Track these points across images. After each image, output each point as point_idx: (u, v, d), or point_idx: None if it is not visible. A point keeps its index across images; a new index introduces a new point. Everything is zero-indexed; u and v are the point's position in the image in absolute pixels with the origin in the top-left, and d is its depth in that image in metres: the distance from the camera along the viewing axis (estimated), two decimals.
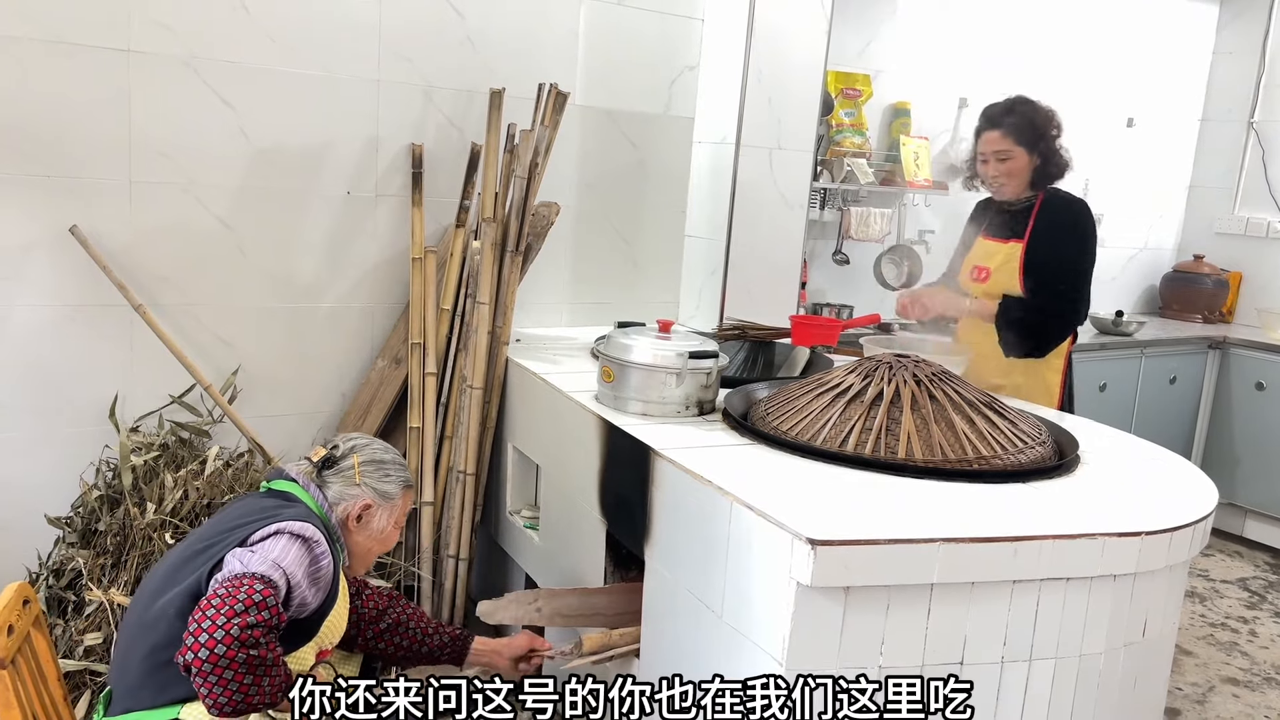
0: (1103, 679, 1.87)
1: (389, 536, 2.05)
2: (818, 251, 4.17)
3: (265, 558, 1.71)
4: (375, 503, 2.00)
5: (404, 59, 2.97)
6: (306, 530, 1.79)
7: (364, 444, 2.05)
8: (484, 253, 2.87)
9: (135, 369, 2.76)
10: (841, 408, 2.14)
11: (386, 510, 2.02)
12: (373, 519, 2.00)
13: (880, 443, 2.06)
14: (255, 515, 1.83)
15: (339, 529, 1.97)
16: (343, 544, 1.99)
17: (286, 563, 1.72)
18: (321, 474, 1.99)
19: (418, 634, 2.17)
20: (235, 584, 1.62)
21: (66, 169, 2.60)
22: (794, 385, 2.32)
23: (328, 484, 1.98)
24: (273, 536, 1.76)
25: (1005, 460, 2.06)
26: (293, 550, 1.75)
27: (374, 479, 2.00)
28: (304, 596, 1.77)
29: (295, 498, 1.93)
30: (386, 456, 2.05)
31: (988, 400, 2.21)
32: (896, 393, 2.12)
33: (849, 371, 2.23)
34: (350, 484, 1.98)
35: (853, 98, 4.00)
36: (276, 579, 1.68)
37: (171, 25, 2.65)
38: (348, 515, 1.98)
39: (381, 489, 2.01)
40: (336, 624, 1.92)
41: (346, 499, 1.97)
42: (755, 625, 1.79)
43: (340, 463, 2.00)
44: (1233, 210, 5.08)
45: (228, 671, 1.56)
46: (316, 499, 1.96)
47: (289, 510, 1.85)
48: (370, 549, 2.04)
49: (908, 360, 2.21)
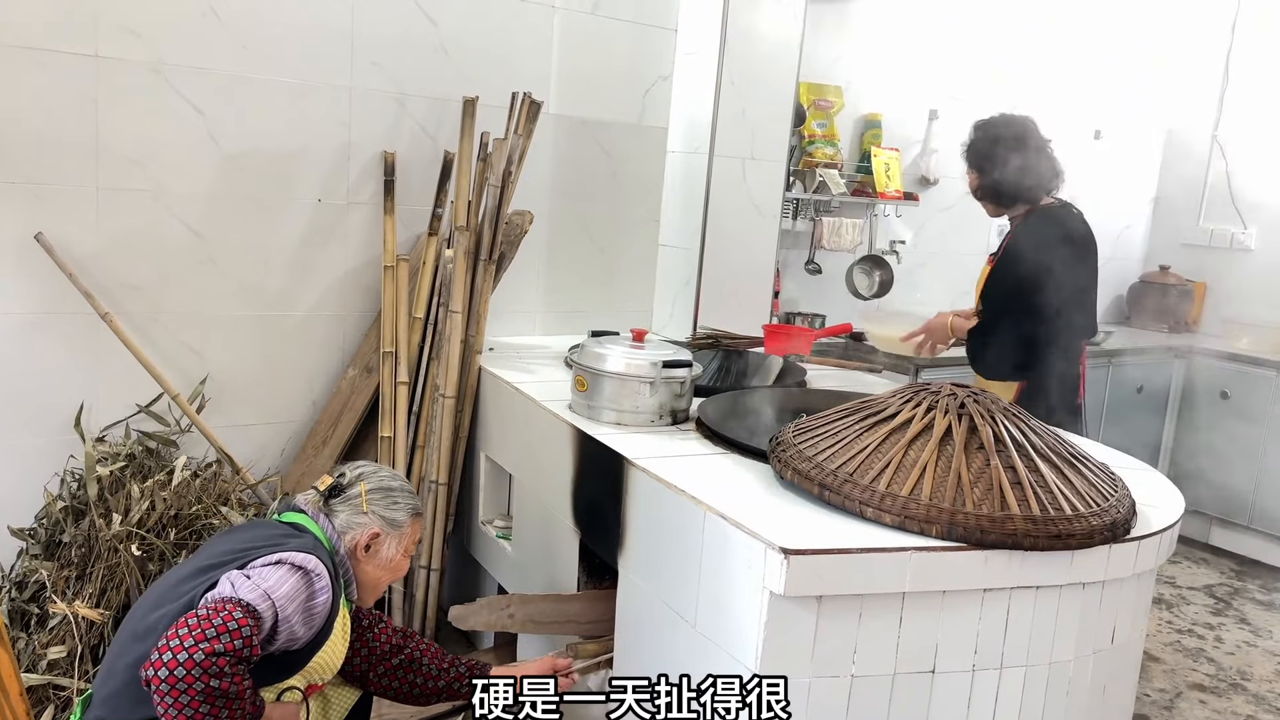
0: (1072, 686, 1.89)
1: (399, 565, 2.01)
2: (790, 261, 4.19)
3: (258, 585, 1.68)
4: (384, 531, 1.96)
5: (377, 66, 2.96)
6: (309, 563, 1.76)
7: (371, 471, 2.02)
8: (457, 261, 2.86)
9: (101, 378, 2.72)
10: (903, 446, 1.84)
11: (395, 539, 1.98)
12: (381, 547, 1.97)
13: (966, 496, 1.75)
14: (263, 542, 1.81)
15: (347, 559, 1.94)
16: (350, 577, 1.95)
17: (279, 594, 1.69)
18: (329, 503, 1.96)
19: (432, 670, 2.09)
20: (216, 608, 1.60)
21: (32, 175, 2.56)
22: (832, 411, 2.07)
23: (335, 513, 1.95)
24: (273, 565, 1.73)
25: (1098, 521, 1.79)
26: (289, 582, 1.72)
27: (381, 506, 1.97)
28: (293, 630, 1.73)
29: (305, 529, 1.91)
30: (395, 484, 2.02)
31: (1056, 440, 1.96)
32: (970, 430, 1.85)
33: (903, 400, 1.96)
34: (358, 512, 1.95)
35: (825, 109, 4.03)
36: (262, 609, 1.65)
37: (139, 31, 2.62)
38: (356, 544, 1.94)
39: (390, 516, 1.97)
40: (330, 660, 1.89)
41: (354, 528, 1.94)
42: (729, 634, 1.79)
43: (347, 490, 1.97)
44: (1198, 221, 5.16)
45: (184, 696, 1.53)
46: (325, 530, 1.93)
47: (296, 540, 1.83)
48: (380, 579, 2.01)
49: (965, 389, 1.95)
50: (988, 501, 1.75)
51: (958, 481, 1.78)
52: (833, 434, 1.96)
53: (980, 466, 1.80)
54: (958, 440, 1.83)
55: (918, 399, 1.94)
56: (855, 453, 1.88)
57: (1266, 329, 4.64)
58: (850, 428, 1.95)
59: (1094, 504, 1.82)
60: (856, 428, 1.94)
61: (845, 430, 1.95)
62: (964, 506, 1.74)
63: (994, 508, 1.74)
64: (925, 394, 1.95)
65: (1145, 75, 5.12)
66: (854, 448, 1.89)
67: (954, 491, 1.76)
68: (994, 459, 1.81)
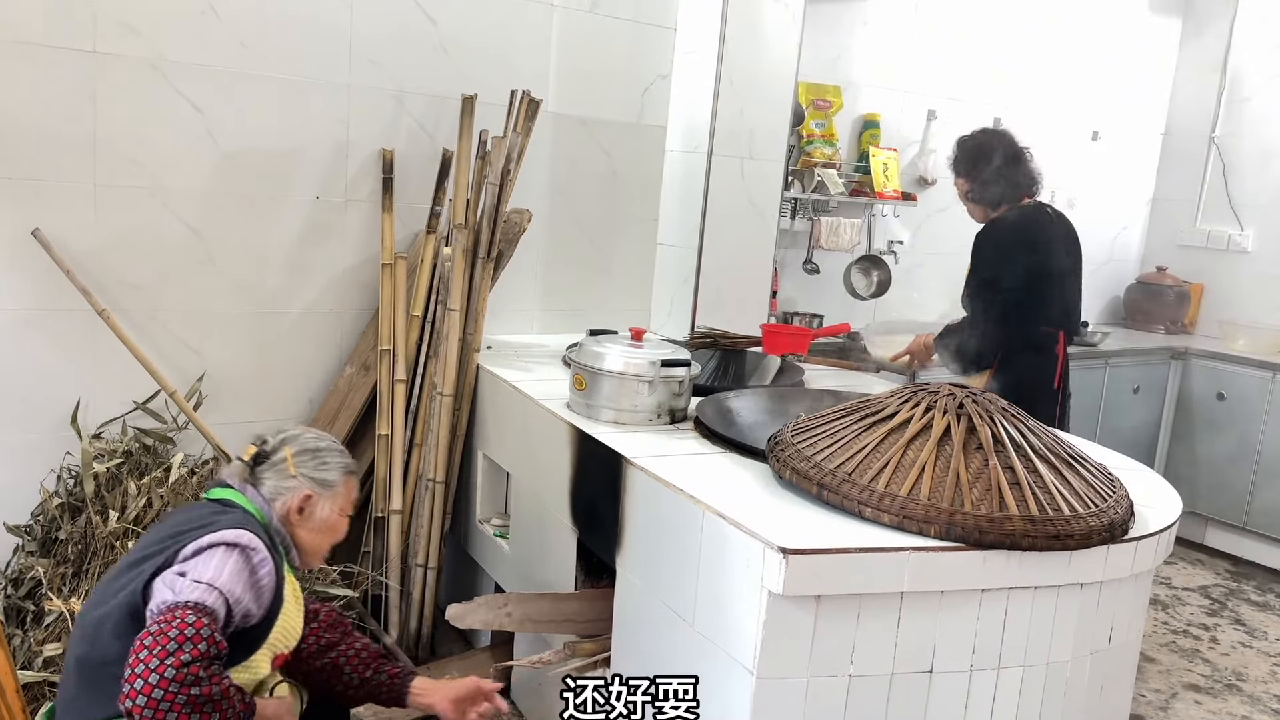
0: (1069, 686, 1.89)
1: (337, 526, 1.95)
2: (788, 260, 4.19)
3: (198, 580, 1.63)
4: (315, 493, 1.90)
5: (375, 64, 2.95)
6: (243, 538, 1.71)
7: (295, 435, 1.96)
8: (455, 259, 2.86)
9: (98, 375, 2.71)
10: (901, 446, 1.85)
11: (329, 499, 1.92)
12: (315, 509, 1.90)
13: (964, 496, 1.76)
14: (193, 524, 1.75)
15: (282, 527, 1.88)
16: (288, 543, 1.90)
17: (223, 580, 1.65)
18: (254, 471, 1.89)
19: (353, 679, 2.02)
20: (167, 619, 1.55)
21: (30, 171, 2.55)
22: (830, 411, 2.08)
23: (262, 480, 1.89)
24: (206, 551, 1.68)
25: (1096, 521, 1.79)
26: (229, 564, 1.67)
27: (310, 468, 1.90)
28: (247, 609, 1.70)
29: (234, 503, 1.85)
30: (322, 444, 1.95)
31: (1055, 441, 1.97)
32: (969, 430, 1.86)
33: (902, 400, 1.97)
34: (285, 476, 1.88)
35: (823, 109, 4.03)
36: (211, 603, 1.61)
37: (138, 27, 2.61)
38: (288, 510, 1.88)
39: (320, 477, 1.91)
40: (290, 626, 1.85)
41: (284, 493, 1.88)
42: (727, 634, 1.79)
43: (272, 457, 1.90)
44: (1195, 223, 5.17)
45: (170, 714, 1.50)
46: (254, 501, 1.86)
47: (225, 518, 1.77)
48: (319, 541, 1.94)
49: (964, 389, 1.96)
50: (986, 502, 1.75)
51: (956, 481, 1.78)
52: (831, 434, 1.96)
53: (979, 467, 1.80)
54: (956, 440, 1.83)
55: (916, 399, 1.94)
56: (854, 452, 1.88)
57: (1263, 330, 4.65)
58: (849, 427, 1.95)
59: (1092, 504, 1.82)
60: (855, 427, 1.94)
61: (844, 430, 1.95)
62: (962, 506, 1.74)
63: (992, 508, 1.74)
64: (924, 394, 1.95)
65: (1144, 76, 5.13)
66: (853, 447, 1.89)
67: (952, 491, 1.76)
68: (992, 459, 1.81)
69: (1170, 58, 5.21)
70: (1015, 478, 1.79)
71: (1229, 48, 5.00)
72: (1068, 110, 4.86)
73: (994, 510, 1.73)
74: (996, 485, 1.77)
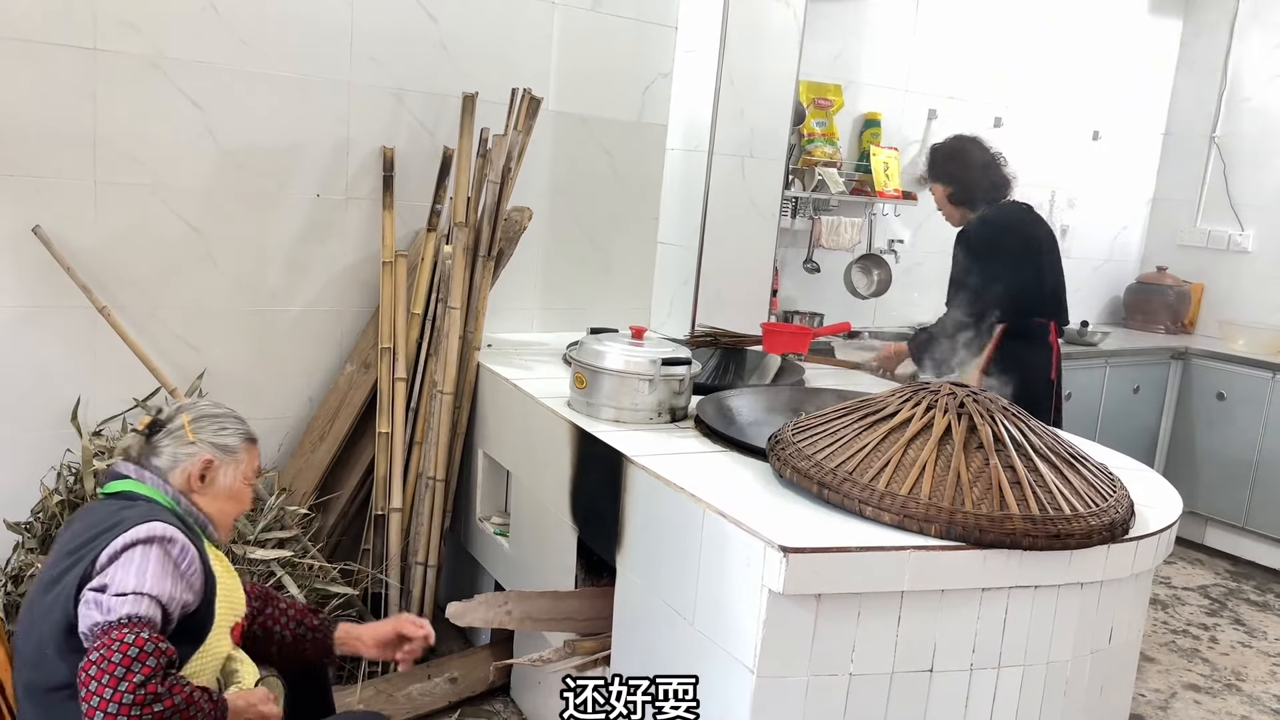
0: (1069, 686, 1.89)
1: (241, 493, 1.89)
2: (789, 259, 4.18)
3: (122, 592, 1.55)
4: (217, 458, 1.83)
5: (376, 62, 2.95)
6: (156, 530, 1.63)
7: (190, 404, 1.89)
8: (456, 257, 2.85)
9: (98, 372, 2.71)
10: (902, 445, 1.84)
11: (232, 465, 1.85)
12: (218, 475, 1.83)
13: (965, 495, 1.75)
14: (101, 526, 1.66)
15: (186, 500, 1.81)
16: (202, 520, 1.82)
17: (149, 584, 1.57)
18: (150, 441, 1.82)
19: (284, 637, 1.99)
20: (106, 644, 1.49)
21: (31, 168, 2.55)
22: (831, 410, 2.08)
23: (159, 451, 1.80)
24: (123, 555, 1.60)
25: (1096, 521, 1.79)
26: (150, 563, 1.60)
27: (209, 433, 1.83)
28: (183, 601, 1.63)
29: (135, 494, 1.76)
30: (219, 411, 1.89)
31: (1055, 440, 1.97)
32: (970, 429, 1.85)
33: (902, 399, 1.96)
34: (183, 443, 1.81)
35: (824, 107, 4.03)
36: (145, 612, 1.54)
37: (138, 25, 2.61)
38: (189, 477, 1.80)
39: (220, 442, 1.84)
40: (232, 596, 1.80)
41: (183, 459, 1.80)
42: (727, 632, 1.79)
43: (169, 425, 1.83)
44: (1195, 223, 5.17)
45: None
46: (157, 486, 1.78)
47: (131, 513, 1.68)
48: (225, 510, 1.87)
49: (965, 389, 1.95)
50: (987, 501, 1.75)
51: (957, 481, 1.78)
52: (832, 433, 1.96)
53: (979, 466, 1.80)
54: (957, 439, 1.83)
55: (917, 398, 1.94)
56: (854, 451, 1.88)
57: (1263, 330, 4.65)
58: (849, 426, 1.95)
59: (1093, 504, 1.82)
60: (856, 426, 1.94)
61: (844, 429, 1.95)
62: (963, 506, 1.74)
63: (993, 507, 1.74)
64: (925, 393, 1.95)
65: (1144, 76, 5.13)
66: (853, 446, 1.89)
67: (953, 491, 1.76)
68: (993, 458, 1.81)
69: (1171, 57, 5.21)
70: (1016, 477, 1.79)
71: (1229, 48, 5.00)
72: (1068, 110, 4.86)
73: (994, 509, 1.73)
74: (997, 484, 1.77)
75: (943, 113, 4.42)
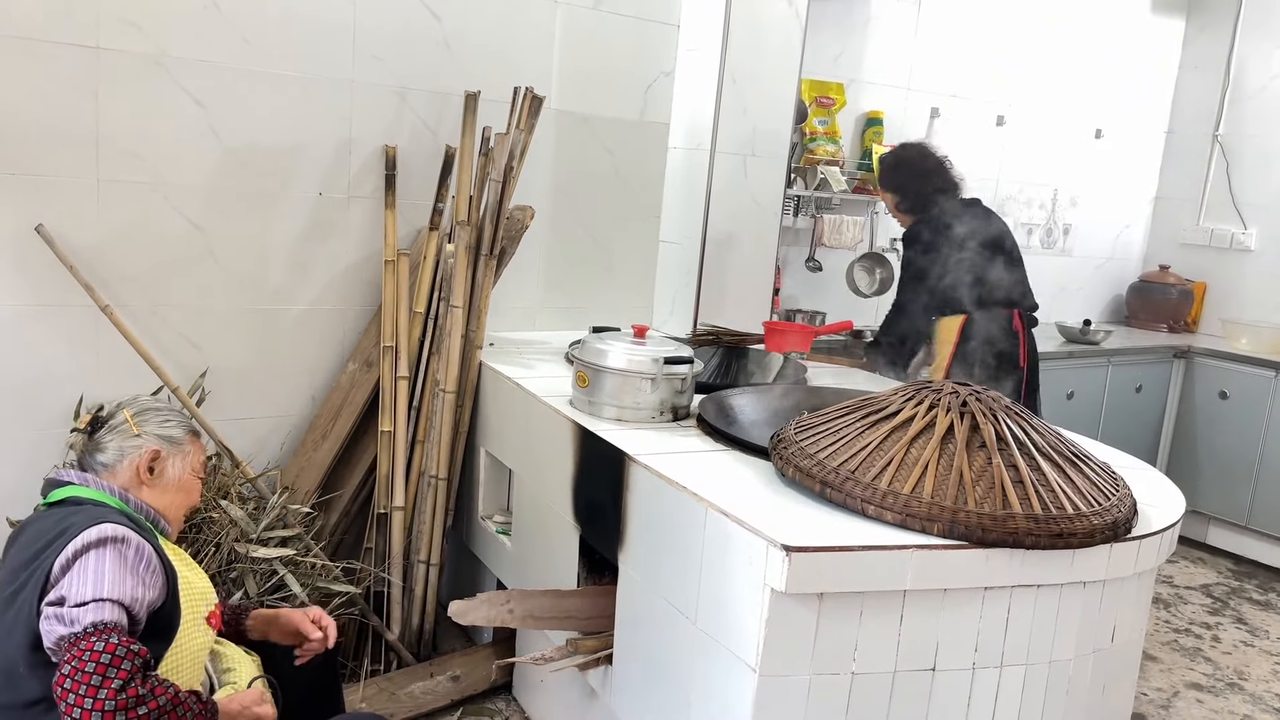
0: (1072, 685, 1.89)
1: (190, 485, 1.89)
2: (791, 258, 4.19)
3: (82, 601, 1.53)
4: (163, 449, 1.83)
5: (378, 60, 2.95)
6: (107, 531, 1.60)
7: (130, 400, 1.90)
8: (458, 256, 2.86)
9: (100, 371, 2.71)
10: (904, 444, 1.84)
11: (179, 456, 1.85)
12: (165, 467, 1.83)
13: (967, 494, 1.75)
14: (48, 536, 1.63)
15: (134, 496, 1.79)
16: (153, 515, 1.81)
17: (108, 588, 1.54)
18: (94, 437, 1.81)
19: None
20: (78, 656, 1.47)
21: (33, 167, 2.55)
22: (833, 409, 2.07)
23: (104, 446, 1.80)
24: (77, 563, 1.57)
25: (1099, 520, 1.79)
26: (106, 566, 1.57)
27: (154, 425, 1.84)
28: (147, 600, 1.61)
29: (80, 499, 1.74)
30: (160, 405, 1.91)
31: (1058, 439, 1.96)
32: (973, 428, 1.85)
33: (905, 398, 1.96)
34: (128, 436, 1.81)
35: (826, 106, 4.03)
36: (109, 617, 1.52)
37: (140, 23, 2.61)
38: (138, 470, 1.79)
39: (165, 434, 1.84)
40: (196, 586, 1.79)
41: (129, 452, 1.79)
42: (729, 631, 1.79)
43: (111, 420, 1.83)
44: (1198, 221, 5.16)
45: None
46: (101, 488, 1.76)
47: (78, 518, 1.64)
48: (175, 503, 1.86)
49: (968, 387, 1.95)
50: (989, 500, 1.75)
51: (959, 480, 1.78)
52: (834, 431, 1.96)
53: (982, 465, 1.80)
54: (959, 438, 1.83)
55: (919, 397, 1.94)
56: (857, 450, 1.88)
57: (1265, 329, 4.65)
58: (852, 425, 1.95)
59: (1096, 503, 1.82)
60: (858, 425, 1.94)
61: (847, 428, 1.95)
62: (965, 505, 1.74)
63: (995, 506, 1.74)
64: (927, 392, 1.95)
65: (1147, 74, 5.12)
66: (856, 445, 1.89)
67: (955, 490, 1.76)
68: (996, 457, 1.80)
69: (1173, 56, 5.20)
70: (1019, 476, 1.79)
71: (1232, 45, 4.99)
72: (1071, 108, 4.86)
73: (997, 508, 1.73)
74: (1000, 483, 1.77)
75: (945, 111, 4.42)
